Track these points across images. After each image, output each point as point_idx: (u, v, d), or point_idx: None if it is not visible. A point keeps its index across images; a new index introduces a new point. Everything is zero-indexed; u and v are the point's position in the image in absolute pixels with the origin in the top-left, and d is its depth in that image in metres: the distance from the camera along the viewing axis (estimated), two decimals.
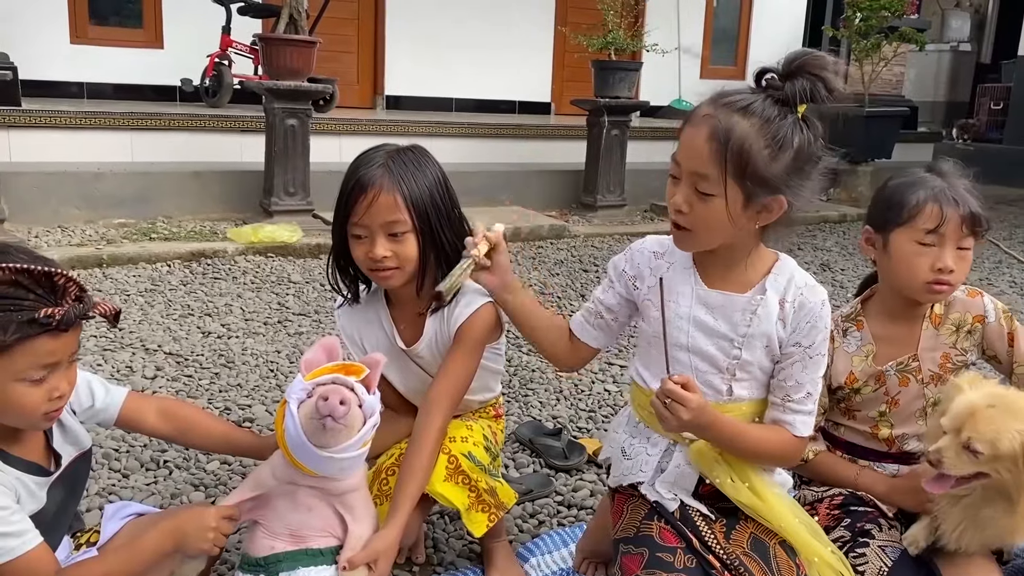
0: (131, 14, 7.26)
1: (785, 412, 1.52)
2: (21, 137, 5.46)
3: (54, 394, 1.32)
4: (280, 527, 1.56)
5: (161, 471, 2.39)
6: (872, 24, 7.36)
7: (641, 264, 1.60)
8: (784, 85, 1.38)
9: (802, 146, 1.38)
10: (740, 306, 1.50)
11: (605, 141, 6.38)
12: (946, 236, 1.66)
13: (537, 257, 5.26)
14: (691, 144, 1.40)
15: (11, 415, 1.32)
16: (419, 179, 1.68)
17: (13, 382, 1.27)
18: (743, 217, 1.41)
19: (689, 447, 1.56)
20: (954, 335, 1.77)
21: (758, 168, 1.36)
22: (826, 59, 1.38)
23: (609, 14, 6.28)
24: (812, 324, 1.49)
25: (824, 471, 1.83)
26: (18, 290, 1.23)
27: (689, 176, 1.41)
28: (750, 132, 1.35)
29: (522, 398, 3.03)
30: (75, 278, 1.30)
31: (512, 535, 2.13)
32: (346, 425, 1.45)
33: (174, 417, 1.66)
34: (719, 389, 1.53)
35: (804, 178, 1.41)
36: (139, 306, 3.87)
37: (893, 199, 1.73)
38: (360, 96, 8.35)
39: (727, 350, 1.51)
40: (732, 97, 1.39)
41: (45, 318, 1.24)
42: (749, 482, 1.54)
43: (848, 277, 5.12)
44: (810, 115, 1.39)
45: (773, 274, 1.51)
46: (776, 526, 1.52)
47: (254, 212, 5.49)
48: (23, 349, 1.25)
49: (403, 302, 1.82)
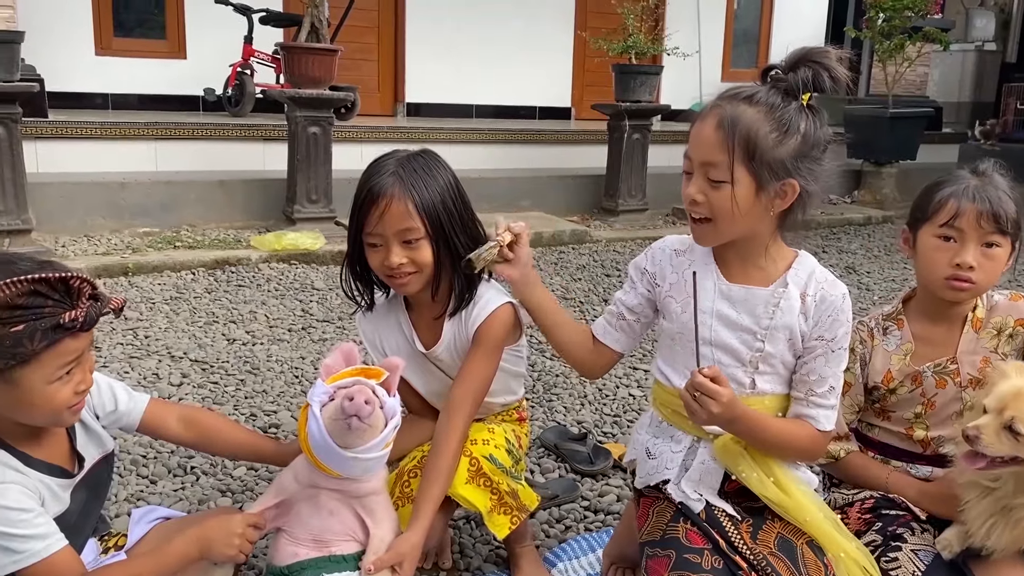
0: (154, 25, 7.35)
1: (808, 406, 1.53)
2: (48, 148, 5.53)
3: (80, 387, 1.34)
4: (303, 532, 1.56)
5: (188, 477, 2.41)
6: (895, 25, 7.29)
7: (662, 262, 1.62)
8: (788, 76, 1.42)
9: (808, 131, 1.42)
10: (763, 299, 1.51)
11: (626, 145, 6.36)
12: (965, 232, 1.65)
13: (559, 262, 5.24)
14: (700, 135, 1.44)
15: (42, 415, 1.34)
16: (430, 185, 1.68)
17: (45, 385, 1.29)
18: (757, 203, 1.43)
19: (713, 443, 1.56)
20: (995, 339, 1.75)
21: (765, 152, 1.40)
22: (829, 50, 1.43)
23: (629, 18, 6.27)
24: (834, 318, 1.50)
25: (854, 471, 1.81)
26: (37, 299, 1.25)
27: (700, 167, 1.45)
28: (756, 117, 1.40)
29: (546, 403, 3.02)
30: (86, 277, 1.32)
31: (539, 540, 2.12)
32: (370, 425, 1.46)
33: (196, 424, 1.67)
34: (742, 382, 1.54)
35: (814, 162, 1.45)
36: (164, 314, 3.90)
37: (923, 197, 1.74)
38: (381, 103, 8.39)
39: (750, 343, 1.52)
40: (737, 89, 1.45)
41: (70, 323, 1.26)
42: (774, 477, 1.54)
43: (874, 280, 5.07)
44: (816, 105, 1.44)
45: (794, 269, 1.53)
46: (801, 520, 1.52)
47: (277, 220, 5.52)
48: (50, 353, 1.27)
49: (421, 306, 1.83)
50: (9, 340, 1.22)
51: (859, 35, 7.79)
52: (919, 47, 7.60)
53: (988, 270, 1.67)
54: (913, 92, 8.99)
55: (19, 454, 1.35)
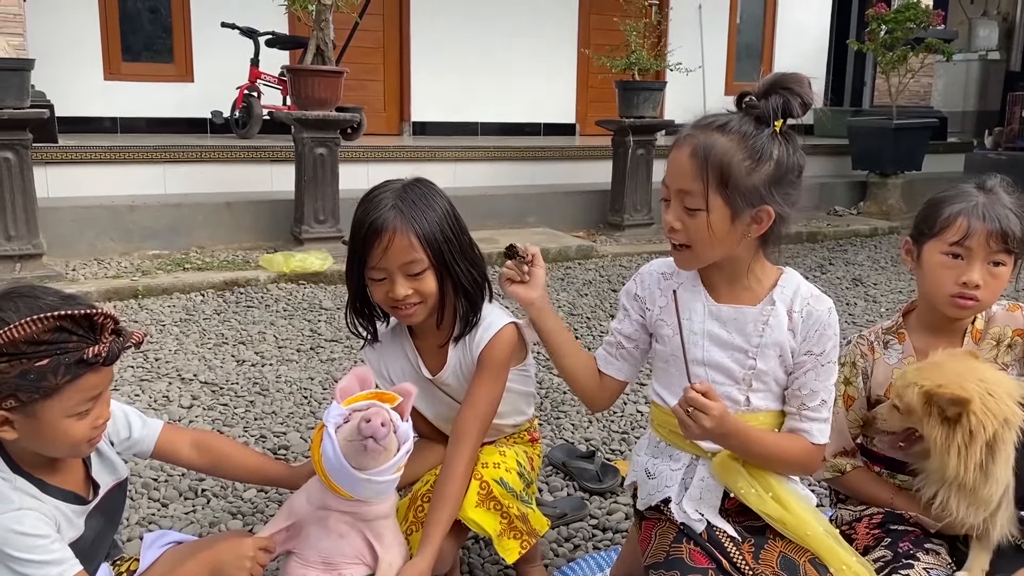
0: (162, 49, 7.43)
1: (801, 420, 1.56)
2: (58, 172, 5.59)
3: (98, 421, 1.37)
4: (312, 554, 1.58)
5: (199, 500, 2.42)
6: (898, 36, 7.31)
7: (651, 286, 1.65)
8: (760, 103, 1.45)
9: (781, 158, 1.45)
10: (752, 318, 1.54)
11: (631, 161, 6.39)
12: (973, 250, 1.66)
13: (565, 278, 5.26)
14: (676, 164, 1.48)
15: (60, 448, 1.37)
16: (429, 215, 1.68)
17: (64, 418, 1.32)
18: (733, 229, 1.47)
19: (712, 460, 1.57)
20: (994, 350, 1.76)
21: (739, 180, 1.43)
22: (800, 76, 1.45)
23: (632, 35, 6.31)
24: (821, 332, 1.53)
25: (859, 487, 1.82)
26: (62, 335, 1.28)
27: (677, 194, 1.48)
28: (729, 147, 1.43)
29: (554, 420, 3.03)
30: (109, 313, 1.35)
31: (547, 559, 2.13)
32: (385, 448, 1.48)
33: (208, 449, 1.70)
34: (736, 400, 1.56)
35: (789, 187, 1.47)
36: (174, 336, 3.93)
37: (929, 211, 1.74)
38: (387, 123, 8.44)
39: (742, 361, 1.55)
40: (711, 118, 1.48)
41: (93, 358, 1.29)
42: (773, 492, 1.55)
43: (880, 291, 5.07)
44: (788, 130, 1.46)
45: (780, 286, 1.56)
46: (802, 535, 1.53)
47: (285, 240, 5.56)
48: (72, 388, 1.30)
49: (426, 333, 1.84)
50: (34, 374, 1.25)
51: (862, 47, 7.82)
52: (922, 58, 7.62)
53: (993, 288, 1.68)
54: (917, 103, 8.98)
55: (36, 481, 1.38)
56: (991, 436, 1.53)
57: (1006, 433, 1.54)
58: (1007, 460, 1.55)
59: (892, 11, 7.38)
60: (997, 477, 1.55)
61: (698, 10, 9.43)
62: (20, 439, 1.32)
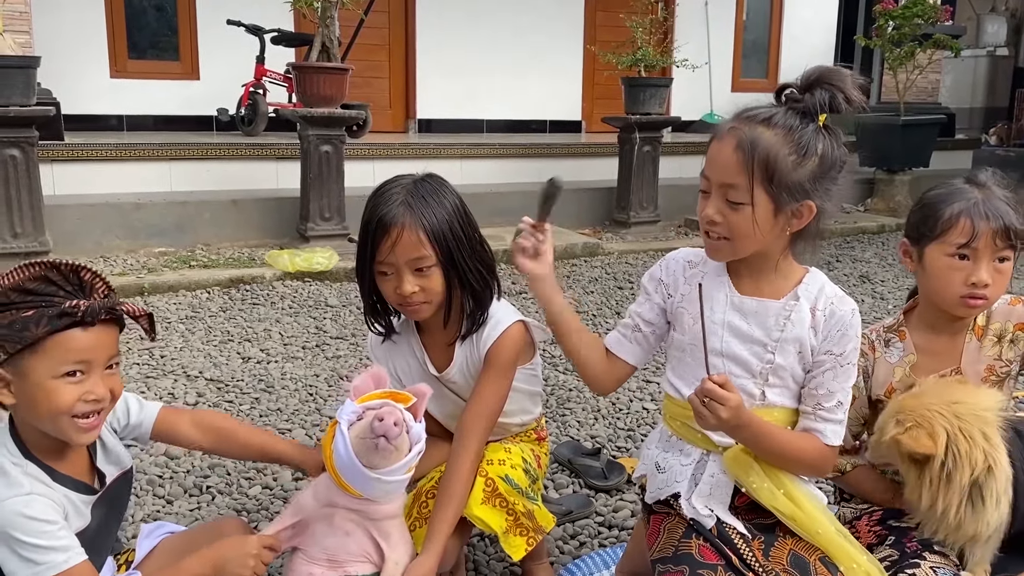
0: (168, 47, 7.44)
1: (816, 420, 1.54)
2: (64, 170, 5.60)
3: (88, 396, 1.34)
4: (318, 551, 1.57)
5: (204, 496, 2.42)
6: (905, 32, 7.28)
7: (676, 272, 1.64)
8: (804, 97, 1.44)
9: (826, 152, 1.44)
10: (774, 311, 1.53)
11: (637, 157, 6.37)
12: (979, 250, 1.64)
13: (571, 275, 5.25)
14: (718, 157, 1.46)
15: (44, 412, 1.33)
16: (439, 212, 1.67)
17: (49, 379, 1.31)
18: (775, 224, 1.46)
19: (723, 454, 1.56)
20: (997, 346, 1.74)
21: (784, 174, 1.41)
22: (843, 72, 1.44)
23: (638, 31, 6.29)
24: (843, 332, 1.52)
25: (860, 485, 1.81)
26: (48, 286, 1.30)
27: (719, 188, 1.46)
28: (774, 141, 1.41)
29: (560, 417, 3.02)
30: (103, 276, 1.36)
31: (553, 557, 2.12)
32: (397, 447, 1.47)
33: (209, 427, 1.67)
34: (752, 393, 1.55)
35: (831, 182, 1.47)
36: (180, 333, 3.93)
37: (927, 212, 1.71)
38: (393, 120, 8.44)
39: (760, 354, 1.54)
40: (755, 111, 1.46)
41: (71, 308, 1.29)
42: (784, 488, 1.54)
43: (888, 289, 5.05)
44: (832, 124, 1.45)
45: (804, 283, 1.56)
46: (812, 532, 1.52)
47: (291, 237, 5.56)
48: (54, 343, 1.29)
49: (432, 330, 1.82)
50: (19, 323, 1.28)
51: (869, 43, 7.79)
52: (930, 54, 7.58)
53: (999, 284, 1.67)
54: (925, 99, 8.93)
55: (46, 468, 1.37)
56: (974, 478, 1.50)
57: (990, 477, 1.51)
58: (997, 501, 1.52)
59: (900, 7, 7.34)
60: (987, 520, 1.52)
61: (704, 6, 9.42)
62: (18, 407, 1.33)
